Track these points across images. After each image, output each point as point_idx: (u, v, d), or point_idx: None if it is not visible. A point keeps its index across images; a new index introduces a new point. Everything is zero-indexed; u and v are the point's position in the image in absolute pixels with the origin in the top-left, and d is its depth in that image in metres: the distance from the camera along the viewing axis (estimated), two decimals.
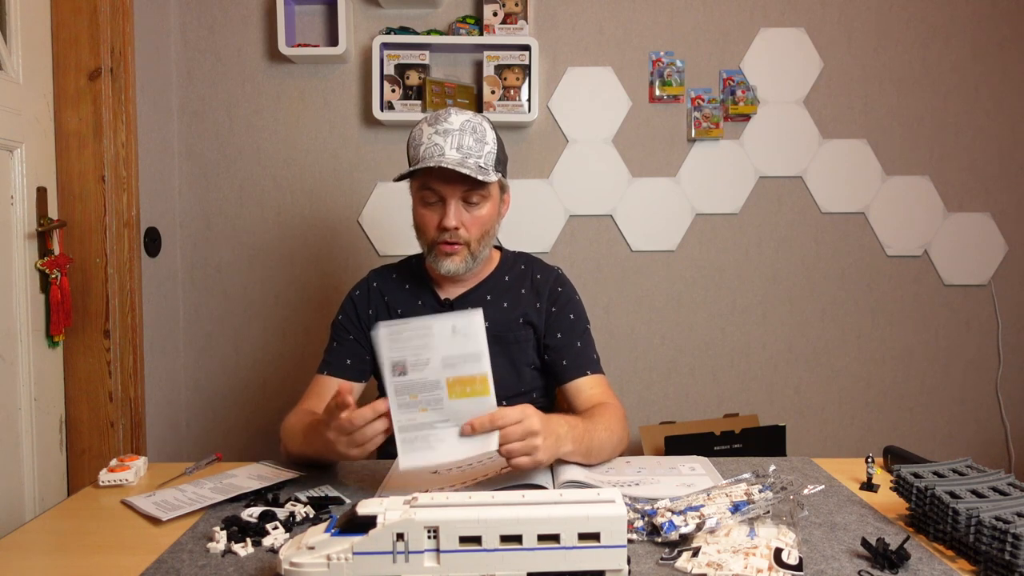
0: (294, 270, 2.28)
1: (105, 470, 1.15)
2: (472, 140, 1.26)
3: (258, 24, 2.22)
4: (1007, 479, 0.91)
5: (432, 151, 1.24)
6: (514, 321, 1.38)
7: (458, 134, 1.25)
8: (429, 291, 1.40)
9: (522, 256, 1.49)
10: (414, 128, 1.31)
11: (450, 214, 1.26)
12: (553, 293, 1.42)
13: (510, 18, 2.13)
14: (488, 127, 1.30)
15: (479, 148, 1.26)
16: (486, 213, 1.31)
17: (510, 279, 1.42)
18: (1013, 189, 2.31)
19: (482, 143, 1.27)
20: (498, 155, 1.31)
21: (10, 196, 1.64)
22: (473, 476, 1.11)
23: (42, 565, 0.89)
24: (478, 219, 1.30)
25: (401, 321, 1.01)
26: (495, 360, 1.36)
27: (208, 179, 2.25)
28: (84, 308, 1.82)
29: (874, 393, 2.36)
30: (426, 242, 1.32)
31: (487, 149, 1.28)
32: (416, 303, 1.39)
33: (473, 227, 1.29)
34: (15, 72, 1.67)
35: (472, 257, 1.31)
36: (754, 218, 2.30)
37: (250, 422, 2.28)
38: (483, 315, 1.35)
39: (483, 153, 1.27)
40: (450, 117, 1.27)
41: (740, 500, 0.92)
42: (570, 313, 1.41)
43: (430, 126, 1.27)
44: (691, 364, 2.33)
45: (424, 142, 1.26)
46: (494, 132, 1.31)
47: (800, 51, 2.26)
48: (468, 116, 1.28)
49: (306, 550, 0.75)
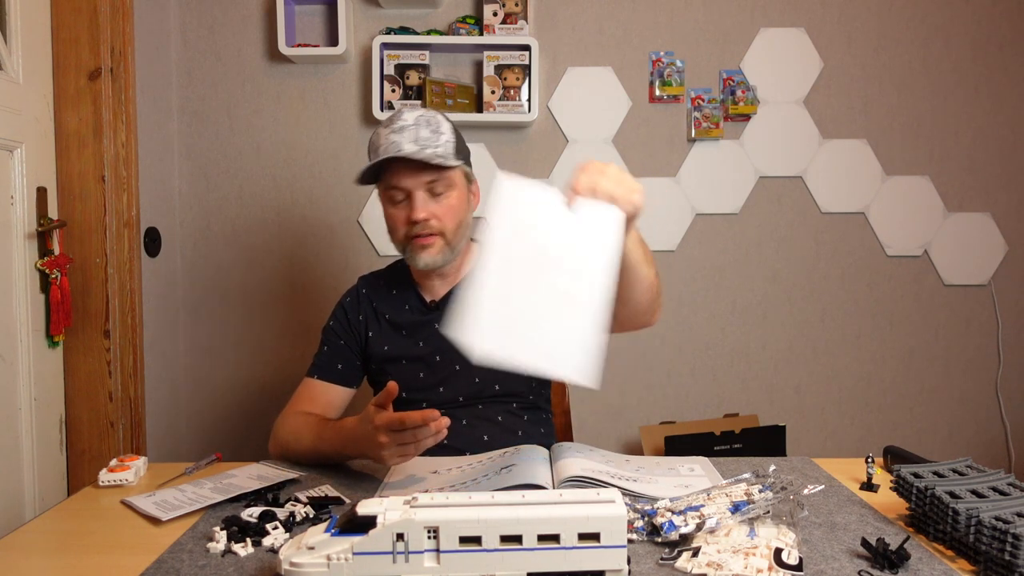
0: (294, 270, 2.27)
1: (105, 470, 1.15)
2: (428, 131, 1.25)
3: (258, 24, 2.22)
4: (1007, 479, 0.91)
5: (389, 149, 1.24)
6: None
7: (413, 128, 1.25)
8: (414, 294, 1.40)
9: None
10: (372, 134, 1.31)
11: (417, 206, 1.25)
12: None
13: (510, 18, 2.13)
14: (442, 119, 1.29)
15: (435, 138, 1.26)
16: (455, 202, 1.29)
17: None
18: (1013, 189, 2.31)
19: (437, 133, 1.26)
20: (457, 145, 1.30)
21: (10, 196, 1.64)
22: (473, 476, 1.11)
23: (42, 565, 0.89)
24: (448, 208, 1.28)
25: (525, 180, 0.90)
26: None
27: (208, 179, 2.25)
28: (84, 308, 1.82)
29: (874, 393, 2.36)
30: (399, 241, 1.31)
31: (444, 139, 1.27)
32: (403, 307, 1.40)
33: (445, 216, 1.28)
34: (15, 72, 1.67)
35: (450, 248, 1.30)
36: (754, 218, 2.30)
37: (250, 422, 2.28)
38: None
39: (440, 142, 1.26)
40: (404, 115, 1.27)
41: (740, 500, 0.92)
42: None
43: (385, 128, 1.27)
44: (691, 364, 2.33)
45: (382, 143, 1.26)
46: (450, 123, 1.30)
47: (800, 51, 2.26)
48: (422, 111, 1.28)
49: (306, 550, 0.75)
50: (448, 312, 1.36)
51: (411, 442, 1.04)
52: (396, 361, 1.38)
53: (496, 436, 1.34)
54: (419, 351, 1.37)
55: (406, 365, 1.37)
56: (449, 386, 1.36)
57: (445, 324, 1.35)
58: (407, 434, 1.03)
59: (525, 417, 1.39)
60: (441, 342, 1.35)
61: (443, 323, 1.36)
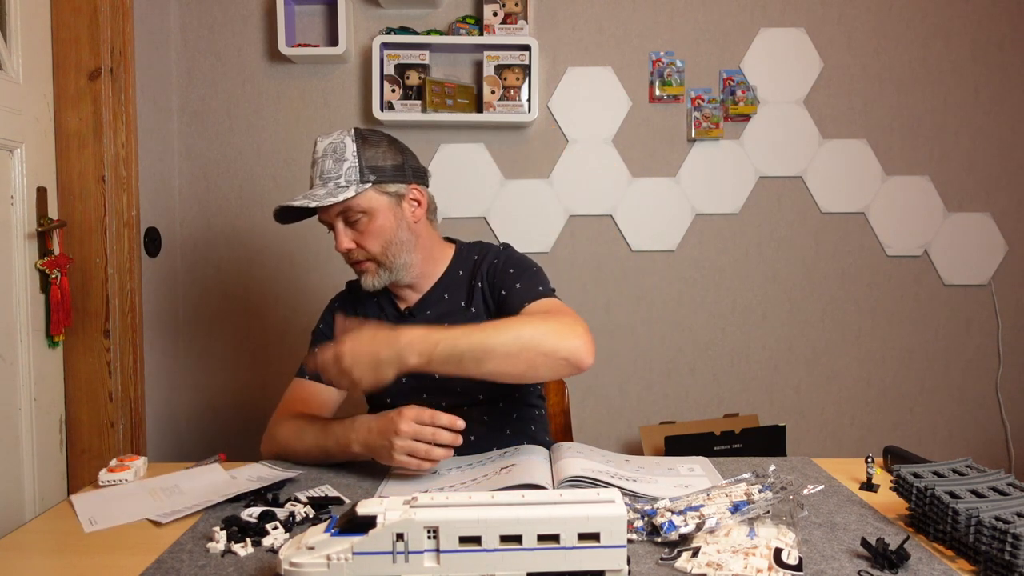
0: (294, 270, 2.27)
1: (105, 470, 1.15)
2: (331, 163, 1.26)
3: (258, 24, 2.22)
4: (1007, 479, 0.91)
5: (305, 188, 1.27)
6: (471, 316, 1.35)
7: (321, 160, 1.27)
8: (389, 301, 1.42)
9: (475, 246, 1.44)
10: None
11: (338, 239, 1.28)
12: (491, 267, 1.36)
13: (510, 18, 2.13)
14: (349, 141, 1.27)
15: (337, 168, 1.26)
16: (377, 226, 1.28)
17: (464, 273, 1.40)
18: (1013, 189, 2.31)
19: (340, 161, 1.26)
20: (363, 165, 1.26)
21: (10, 196, 1.64)
22: (473, 476, 1.11)
23: (42, 565, 0.89)
24: (370, 233, 1.28)
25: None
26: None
27: (208, 179, 2.25)
28: (84, 308, 1.82)
29: (874, 393, 2.36)
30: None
31: (346, 166, 1.26)
32: (381, 313, 1.42)
33: (368, 243, 1.28)
34: (15, 72, 1.67)
35: (387, 269, 1.31)
36: (754, 218, 2.30)
37: (249, 422, 2.28)
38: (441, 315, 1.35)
39: (342, 172, 1.26)
40: (317, 146, 1.29)
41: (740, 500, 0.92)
42: (509, 268, 1.35)
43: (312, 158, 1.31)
44: (691, 364, 2.33)
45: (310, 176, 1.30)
46: (355, 144, 1.27)
47: (800, 51, 2.26)
48: (331, 138, 1.28)
49: (306, 550, 0.75)
50: (420, 320, 1.37)
51: (427, 441, 1.06)
52: None
53: (484, 435, 1.33)
54: None
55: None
56: (432, 393, 1.35)
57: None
58: (427, 431, 1.06)
59: (514, 415, 1.38)
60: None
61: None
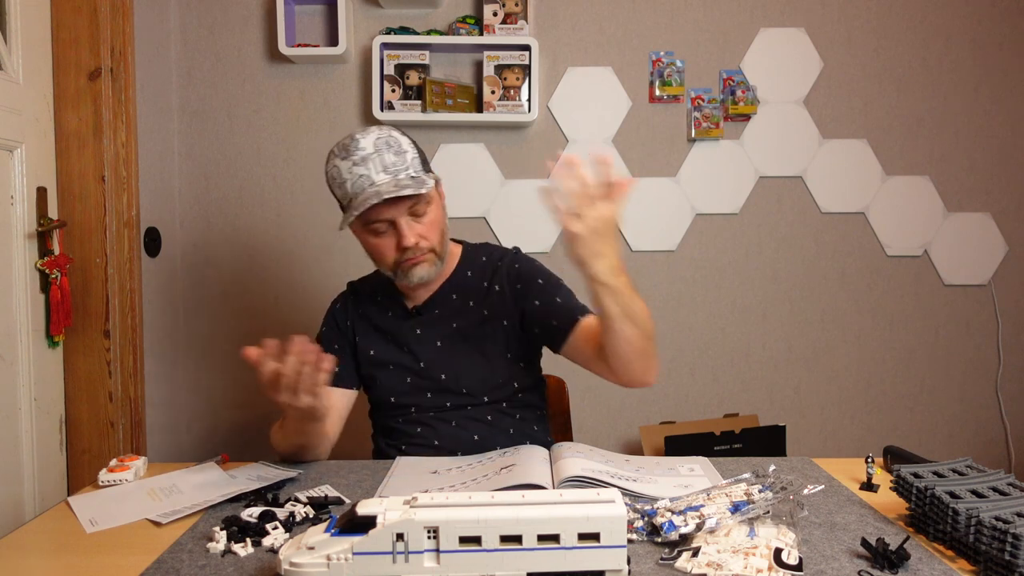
0: (294, 270, 2.27)
1: (105, 470, 1.15)
2: (392, 155, 1.22)
3: (258, 24, 2.22)
4: (1007, 479, 0.91)
5: (361, 184, 1.20)
6: (479, 316, 1.37)
7: (376, 156, 1.21)
8: (397, 301, 1.40)
9: (482, 248, 1.46)
10: (327, 167, 1.26)
11: (406, 234, 1.24)
12: (512, 274, 1.39)
13: (510, 18, 2.13)
14: (399, 135, 1.26)
15: (402, 160, 1.23)
16: (434, 216, 1.29)
17: (473, 274, 1.40)
18: (1013, 189, 2.31)
19: (402, 154, 1.23)
20: (422, 157, 1.29)
21: (10, 196, 1.64)
22: (473, 476, 1.11)
23: (42, 565, 0.89)
24: (431, 224, 1.28)
25: None
26: (466, 357, 1.36)
27: (208, 179, 2.25)
28: (84, 308, 1.82)
29: (874, 393, 2.36)
30: (388, 267, 1.30)
31: (410, 157, 1.24)
32: (387, 313, 1.40)
33: (430, 233, 1.28)
34: (15, 72, 1.67)
35: (439, 258, 1.31)
36: (754, 218, 2.30)
37: (249, 422, 2.28)
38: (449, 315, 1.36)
39: (408, 163, 1.23)
40: (360, 142, 1.22)
41: (740, 500, 0.92)
42: (537, 279, 1.38)
43: (344, 160, 1.22)
44: (691, 364, 2.33)
45: (347, 178, 1.21)
46: (407, 137, 1.28)
47: (800, 51, 2.26)
48: (377, 133, 1.24)
49: (306, 550, 0.75)
50: (430, 316, 1.37)
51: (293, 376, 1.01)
52: (383, 366, 1.38)
53: (487, 435, 1.33)
54: (403, 357, 1.37)
55: (393, 370, 1.38)
56: (437, 393, 1.36)
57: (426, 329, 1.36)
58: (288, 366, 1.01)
59: (517, 415, 1.38)
60: (424, 348, 1.36)
61: (424, 328, 1.37)
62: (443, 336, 1.37)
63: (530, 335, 1.38)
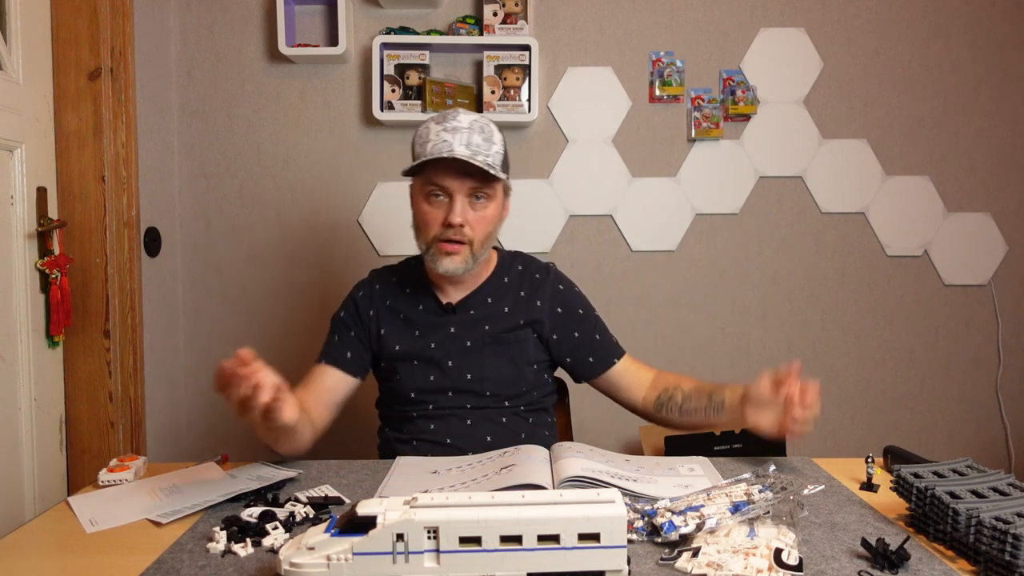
0: (294, 270, 2.27)
1: (105, 470, 1.15)
2: (480, 139, 1.25)
3: (258, 24, 2.22)
4: (1007, 479, 0.91)
5: (441, 147, 1.23)
6: (514, 322, 1.38)
7: (467, 132, 1.25)
8: (430, 295, 1.39)
9: (518, 256, 1.49)
10: (420, 127, 1.30)
11: (456, 210, 1.25)
12: (555, 294, 1.42)
13: (510, 18, 2.13)
14: (495, 129, 1.30)
15: (487, 147, 1.26)
16: (491, 213, 1.30)
17: (509, 280, 1.42)
18: (1013, 189, 2.31)
19: (490, 142, 1.27)
20: (504, 158, 1.32)
21: (10, 196, 1.64)
22: (473, 476, 1.11)
23: (42, 565, 0.89)
24: (483, 218, 1.29)
25: None
26: (494, 360, 1.36)
27: (208, 179, 2.25)
28: (84, 308, 1.82)
29: (874, 393, 2.36)
30: (426, 240, 1.30)
31: (495, 148, 1.28)
32: (417, 307, 1.38)
33: (478, 226, 1.28)
34: (15, 72, 1.67)
35: (473, 258, 1.30)
36: (754, 218, 2.30)
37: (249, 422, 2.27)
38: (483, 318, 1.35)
39: (491, 152, 1.26)
40: (459, 116, 1.27)
41: (740, 500, 0.92)
42: (578, 309, 1.43)
43: (437, 124, 1.26)
44: (691, 364, 2.33)
45: (432, 139, 1.25)
46: (501, 135, 1.32)
47: (800, 51, 2.26)
48: (476, 116, 1.28)
49: (306, 550, 0.75)
50: (465, 316, 1.37)
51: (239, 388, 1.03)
52: (407, 360, 1.37)
53: (499, 436, 1.35)
54: (431, 353, 1.36)
55: (417, 365, 1.37)
56: (459, 392, 1.36)
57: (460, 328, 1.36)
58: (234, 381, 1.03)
59: (530, 419, 1.39)
60: (454, 347, 1.36)
61: (458, 327, 1.37)
62: (474, 337, 1.36)
63: (557, 359, 1.43)
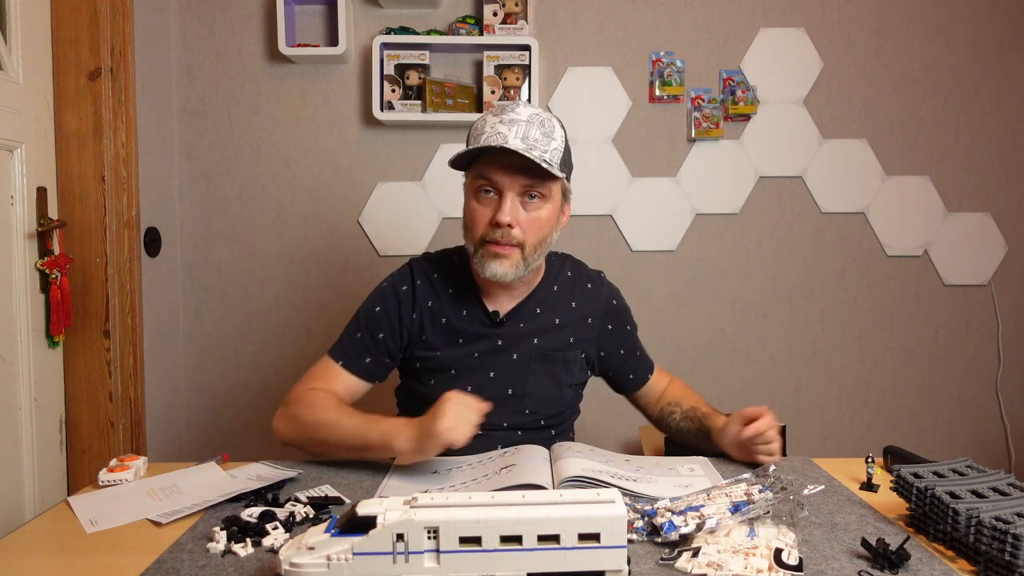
0: (294, 270, 2.27)
1: (105, 470, 1.15)
2: (539, 133, 1.14)
3: (258, 24, 2.22)
4: (1007, 479, 0.91)
5: (495, 139, 1.12)
6: (564, 340, 1.31)
7: (524, 125, 1.14)
8: (476, 300, 1.28)
9: (567, 260, 1.40)
10: (476, 119, 1.21)
11: (505, 208, 1.14)
12: (608, 310, 1.37)
13: (510, 18, 2.13)
14: (557, 124, 1.19)
15: (546, 142, 1.15)
16: (545, 216, 1.18)
17: (559, 289, 1.33)
18: (1013, 189, 2.31)
19: (549, 138, 1.16)
20: (564, 156, 1.20)
21: (10, 196, 1.64)
22: (473, 476, 1.11)
23: (42, 565, 0.89)
24: (536, 221, 1.17)
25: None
26: (538, 377, 1.29)
27: (208, 179, 2.25)
28: (84, 308, 1.82)
29: (874, 393, 2.36)
30: (473, 241, 1.19)
31: (554, 145, 1.16)
32: (461, 312, 1.27)
33: (530, 229, 1.17)
34: (15, 72, 1.67)
35: (524, 264, 1.19)
36: (754, 218, 2.30)
37: (250, 422, 2.28)
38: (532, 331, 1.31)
39: (549, 148, 1.15)
40: (518, 108, 1.16)
41: (740, 500, 0.92)
42: (627, 325, 1.42)
43: (495, 116, 1.16)
44: (691, 364, 2.33)
45: (487, 131, 1.15)
46: (563, 131, 1.20)
47: (800, 51, 2.26)
48: (537, 110, 1.18)
49: (306, 550, 0.75)
50: (514, 329, 1.27)
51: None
52: (444, 370, 1.28)
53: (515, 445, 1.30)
54: (473, 364, 1.27)
55: (454, 375, 1.27)
56: (497, 411, 1.19)
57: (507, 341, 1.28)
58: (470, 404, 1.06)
59: (552, 432, 1.35)
60: (499, 359, 1.27)
61: (505, 340, 1.28)
62: (522, 352, 1.28)
63: (599, 372, 1.42)
